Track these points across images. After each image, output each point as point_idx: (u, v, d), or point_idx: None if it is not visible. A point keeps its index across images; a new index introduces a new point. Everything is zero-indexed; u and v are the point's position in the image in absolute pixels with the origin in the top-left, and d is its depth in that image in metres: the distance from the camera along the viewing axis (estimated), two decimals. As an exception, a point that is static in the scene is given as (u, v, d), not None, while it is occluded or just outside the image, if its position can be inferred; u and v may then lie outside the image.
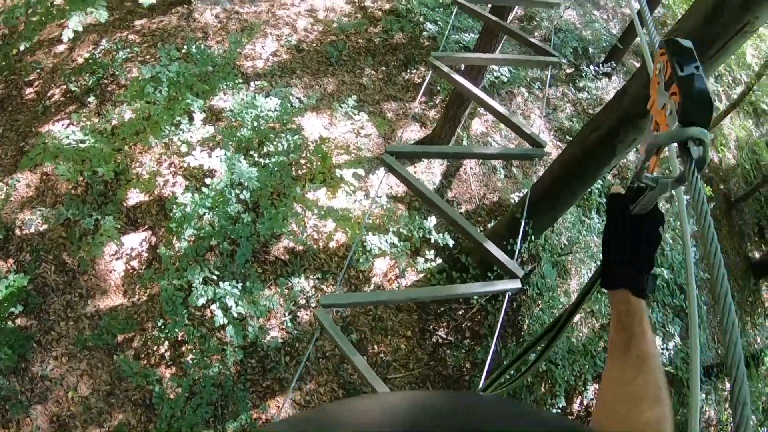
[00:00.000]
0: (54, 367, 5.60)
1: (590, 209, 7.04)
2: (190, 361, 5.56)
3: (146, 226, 6.19)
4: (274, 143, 5.83)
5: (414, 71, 7.99)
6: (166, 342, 5.65)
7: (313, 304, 6.18)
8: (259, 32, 7.63)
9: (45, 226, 6.06)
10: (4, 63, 6.34)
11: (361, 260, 5.84)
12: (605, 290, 1.17)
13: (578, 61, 9.29)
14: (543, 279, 6.26)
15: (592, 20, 10.12)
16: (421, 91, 4.47)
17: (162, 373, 5.70)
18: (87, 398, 5.53)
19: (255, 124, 6.05)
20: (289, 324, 6.01)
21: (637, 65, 9.93)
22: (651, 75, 1.35)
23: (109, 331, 5.74)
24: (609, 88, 9.20)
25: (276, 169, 5.71)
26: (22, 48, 5.32)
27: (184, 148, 5.79)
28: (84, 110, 6.59)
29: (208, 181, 5.42)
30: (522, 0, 5.45)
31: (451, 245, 5.98)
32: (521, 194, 7.03)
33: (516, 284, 3.13)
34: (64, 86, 6.71)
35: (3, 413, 5.28)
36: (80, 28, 5.26)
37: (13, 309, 5.53)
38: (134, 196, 6.20)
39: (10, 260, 6.01)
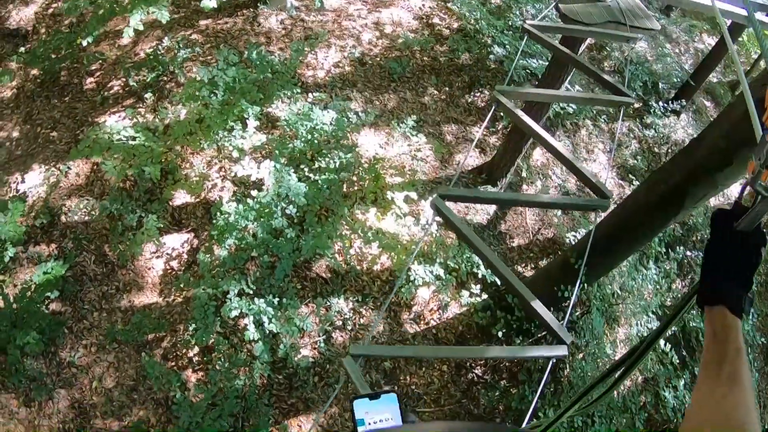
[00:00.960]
0: (82, 356, 5.53)
1: (648, 258, 6.53)
2: (218, 368, 5.28)
3: (189, 228, 6.00)
4: (327, 159, 5.54)
5: (478, 94, 7.64)
6: (196, 347, 5.40)
7: (349, 326, 5.86)
8: (323, 42, 7.40)
9: (90, 216, 5.93)
10: (68, 51, 6.25)
11: (403, 290, 5.48)
12: (701, 306, 1.14)
13: (647, 96, 8.78)
14: (591, 328, 5.78)
15: (663, 54, 9.58)
16: (484, 124, 4.13)
17: (187, 377, 5.56)
18: (110, 390, 5.44)
19: (309, 136, 5.79)
20: (322, 345, 5.72)
21: (708, 104, 9.33)
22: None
23: (140, 328, 5.62)
24: (677, 126, 8.65)
25: (326, 186, 5.42)
26: (85, 43, 5.16)
27: (235, 154, 5.57)
28: (140, 105, 6.46)
29: (254, 192, 5.16)
30: (596, 33, 5.03)
31: (498, 282, 5.58)
32: (577, 234, 6.57)
33: (562, 351, 2.91)
34: (124, 79, 6.60)
35: (27, 393, 5.24)
36: (141, 27, 5.16)
37: (49, 294, 5.44)
38: (181, 197, 6.02)
39: (53, 245, 5.95)
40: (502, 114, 7.45)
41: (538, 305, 3.09)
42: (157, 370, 5.29)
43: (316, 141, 5.88)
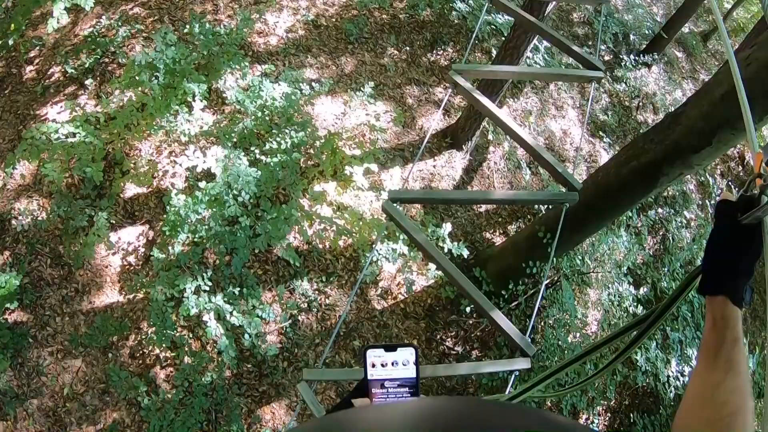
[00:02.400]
0: (50, 363, 5.35)
1: (619, 225, 6.22)
2: (187, 362, 5.09)
3: (144, 220, 5.71)
4: (278, 138, 5.14)
5: (441, 52, 7.15)
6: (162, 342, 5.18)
7: (315, 308, 5.61)
8: (273, 5, 6.82)
9: (40, 218, 5.56)
10: (3, 40, 5.72)
11: (367, 272, 5.22)
12: (702, 294, 1.14)
13: (617, 48, 8.24)
14: (561, 301, 5.54)
15: (635, 4, 8.94)
16: (440, 110, 3.75)
17: (156, 374, 5.42)
18: (82, 395, 5.29)
19: (259, 114, 5.38)
20: (289, 330, 5.49)
21: (680, 55, 8.81)
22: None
23: (103, 331, 5.40)
24: (649, 79, 8.17)
25: (278, 168, 5.05)
26: (11, 42, 4.68)
27: (183, 138, 5.18)
28: (82, 93, 6.02)
29: (202, 184, 4.79)
30: None
31: (465, 255, 5.30)
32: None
33: (525, 364, 2.73)
34: (63, 66, 6.08)
35: (1, 407, 5.08)
36: (66, 17, 4.65)
37: (8, 305, 5.19)
38: (131, 188, 5.66)
39: (6, 252, 5.68)
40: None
41: (498, 316, 2.90)
42: (121, 376, 5.12)
43: (267, 118, 5.48)
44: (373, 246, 5.21)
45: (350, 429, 0.58)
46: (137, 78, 5.26)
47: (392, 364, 0.96)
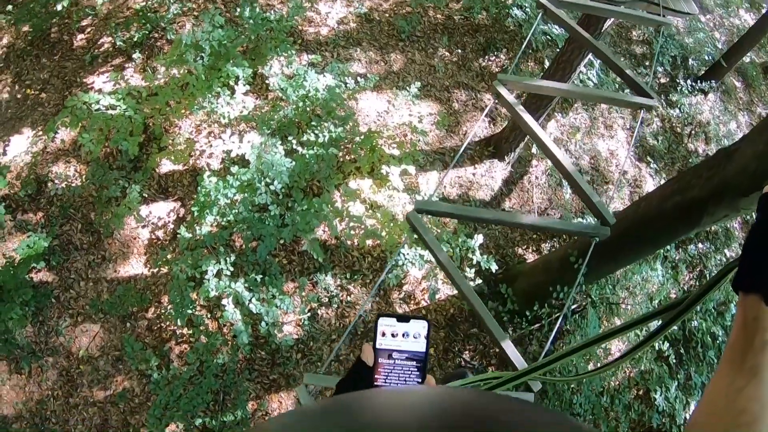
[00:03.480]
0: (69, 325, 5.39)
1: (655, 258, 5.87)
2: (198, 346, 5.01)
3: (176, 197, 5.62)
4: (317, 131, 4.96)
5: (493, 58, 6.88)
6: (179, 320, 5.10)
7: (335, 304, 5.44)
8: (328, -5, 6.65)
9: (75, 183, 5.52)
10: (58, 7, 5.67)
11: (391, 275, 5.01)
12: (735, 290, 1.01)
13: (675, 71, 7.81)
14: (585, 326, 5.25)
15: (696, 27, 8.48)
16: (482, 116, 3.50)
17: (171, 348, 5.39)
18: (96, 359, 5.33)
19: (301, 104, 5.20)
20: (306, 322, 5.32)
21: (738, 85, 8.32)
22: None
23: (125, 301, 5.38)
24: (704, 107, 7.72)
25: (313, 161, 4.87)
26: (58, 7, 4.61)
27: (223, 120, 5.06)
28: (129, 65, 5.93)
29: (234, 169, 4.65)
30: (622, 14, 4.28)
31: (494, 270, 5.06)
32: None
33: (528, 398, 2.68)
34: (113, 37, 6.01)
35: (17, 360, 5.18)
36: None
37: (34, 265, 5.26)
38: (167, 164, 5.55)
39: (40, 213, 5.70)
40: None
41: (508, 346, 2.77)
42: (135, 347, 5.06)
43: (308, 109, 5.31)
44: (399, 250, 5.01)
45: (358, 414, 0.54)
46: (183, 56, 5.16)
47: (403, 335, 0.91)
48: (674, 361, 5.92)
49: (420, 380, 0.90)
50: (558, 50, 5.93)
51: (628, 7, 4.74)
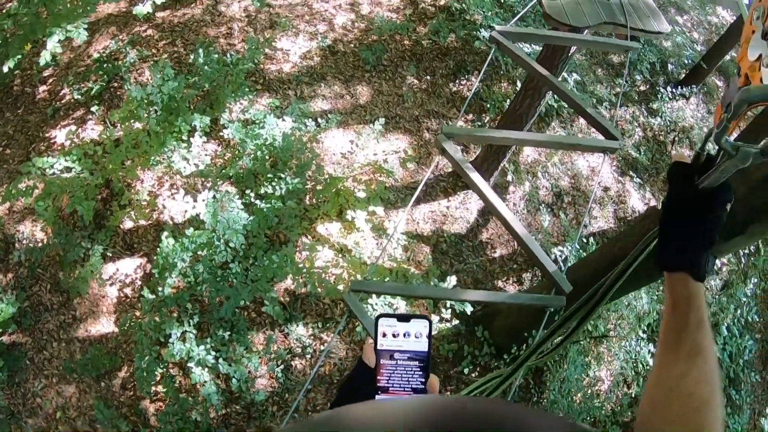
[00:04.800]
0: (45, 386, 5.22)
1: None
2: (168, 410, 4.80)
3: (141, 253, 5.39)
4: (274, 183, 4.67)
5: (464, 82, 6.51)
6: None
7: (309, 354, 5.18)
8: (289, 30, 6.32)
9: (41, 243, 5.31)
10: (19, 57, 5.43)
11: (359, 329, 4.74)
12: (660, 270, 0.97)
13: (654, 78, 7.37)
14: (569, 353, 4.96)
15: (674, 31, 8.00)
16: (427, 174, 3.19)
17: (146, 407, 5.14)
18: (74, 420, 5.13)
19: (259, 153, 4.92)
20: (280, 375, 5.05)
21: (720, 84, 7.88)
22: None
23: (96, 362, 5.17)
24: (686, 112, 7.29)
25: (271, 215, 4.59)
26: (6, 69, 4.37)
27: (180, 176, 4.80)
28: (90, 118, 5.65)
29: (189, 231, 4.39)
30: (584, 42, 3.95)
31: (468, 312, 4.77)
32: (564, 250, 5.58)
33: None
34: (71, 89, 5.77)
35: None
36: (59, 49, 4.31)
37: (3, 329, 5.18)
38: (131, 219, 5.30)
39: (10, 274, 5.51)
40: (489, 106, 6.34)
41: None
42: (105, 414, 4.86)
43: (267, 157, 5.02)
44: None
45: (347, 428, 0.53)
46: (135, 112, 4.90)
47: (404, 335, 0.87)
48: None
49: (423, 380, 0.85)
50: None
51: (593, 31, 4.39)
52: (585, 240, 5.78)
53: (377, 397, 0.85)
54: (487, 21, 6.36)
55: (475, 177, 3.13)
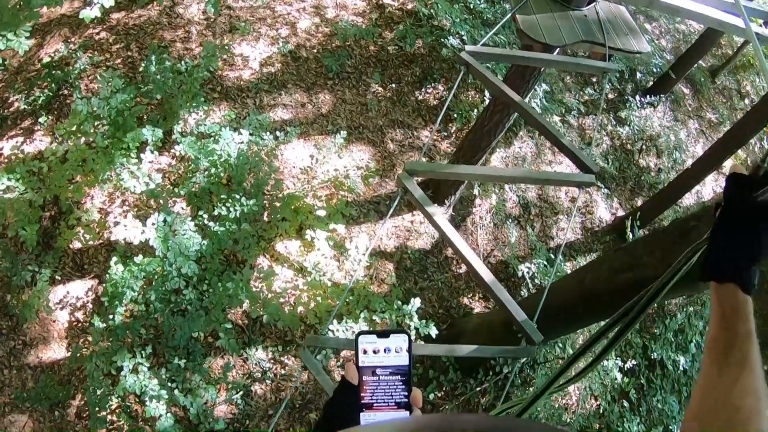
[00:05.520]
0: None
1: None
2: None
3: (93, 275, 5.04)
4: (228, 204, 4.38)
5: (431, 90, 6.24)
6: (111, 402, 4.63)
7: (270, 378, 4.94)
8: (250, 34, 5.96)
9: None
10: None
11: (320, 356, 4.52)
12: (705, 280, 0.95)
13: (622, 86, 7.17)
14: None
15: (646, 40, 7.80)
16: (390, 210, 2.97)
17: None
18: None
19: (213, 170, 4.61)
20: (239, 401, 4.81)
21: (687, 91, 7.74)
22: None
23: (47, 389, 4.80)
24: (653, 119, 7.13)
25: (225, 239, 4.31)
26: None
27: (135, 190, 4.48)
28: (38, 128, 5.26)
29: (138, 259, 4.09)
30: (558, 63, 3.73)
31: (433, 336, 4.57)
32: (531, 266, 5.40)
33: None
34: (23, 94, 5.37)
35: None
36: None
37: None
38: (81, 239, 4.97)
39: None
40: (456, 115, 6.09)
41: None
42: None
43: (222, 174, 4.72)
44: (326, 326, 4.48)
45: None
46: (82, 127, 4.55)
47: (384, 350, 0.86)
48: (635, 396, 5.55)
49: (406, 394, 0.85)
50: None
51: (569, 49, 4.15)
52: (552, 254, 5.62)
53: (362, 415, 0.84)
54: (455, 28, 6.06)
55: (441, 221, 2.96)
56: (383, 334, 0.86)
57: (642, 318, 1.41)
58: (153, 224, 4.27)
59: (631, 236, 5.62)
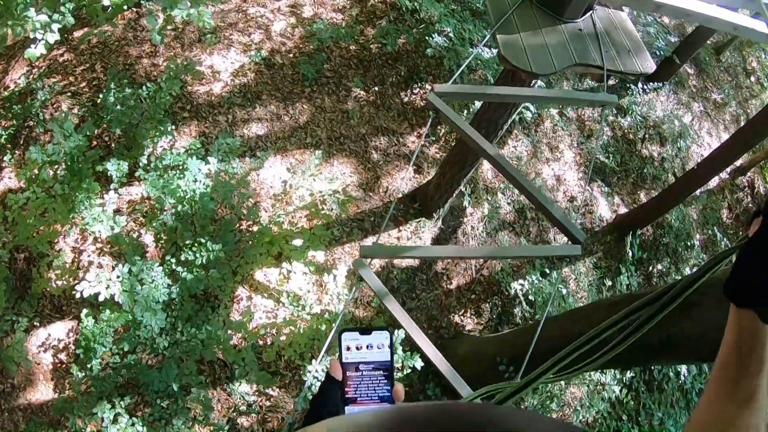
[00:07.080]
0: None
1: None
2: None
3: (72, 315, 4.75)
4: (194, 249, 4.00)
5: (417, 90, 5.66)
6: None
7: (256, 410, 4.70)
8: (222, 42, 5.42)
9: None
10: None
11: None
12: (728, 299, 0.85)
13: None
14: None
15: (647, 22, 6.92)
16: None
17: None
18: None
19: (180, 208, 4.22)
20: (225, 434, 4.59)
21: (691, 72, 6.96)
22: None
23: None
24: (656, 104, 6.40)
25: (194, 285, 3.96)
26: None
27: (101, 234, 4.14)
28: (6, 165, 4.91)
29: (105, 315, 3.81)
30: (544, 99, 3.35)
31: (419, 368, 4.24)
32: (524, 283, 4.96)
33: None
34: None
35: None
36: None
37: None
38: (56, 282, 4.68)
39: None
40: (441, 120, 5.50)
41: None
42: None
43: (190, 212, 4.32)
44: (313, 366, 4.16)
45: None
46: (39, 175, 4.17)
47: (367, 347, 0.86)
48: (633, 409, 5.21)
49: (389, 388, 0.84)
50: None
51: (563, 75, 3.61)
52: (548, 269, 5.14)
53: (347, 408, 0.84)
54: (441, 24, 5.37)
55: (394, 308, 2.63)
56: (366, 330, 0.86)
57: (659, 318, 1.34)
58: (118, 277, 3.93)
59: (630, 254, 5.10)
